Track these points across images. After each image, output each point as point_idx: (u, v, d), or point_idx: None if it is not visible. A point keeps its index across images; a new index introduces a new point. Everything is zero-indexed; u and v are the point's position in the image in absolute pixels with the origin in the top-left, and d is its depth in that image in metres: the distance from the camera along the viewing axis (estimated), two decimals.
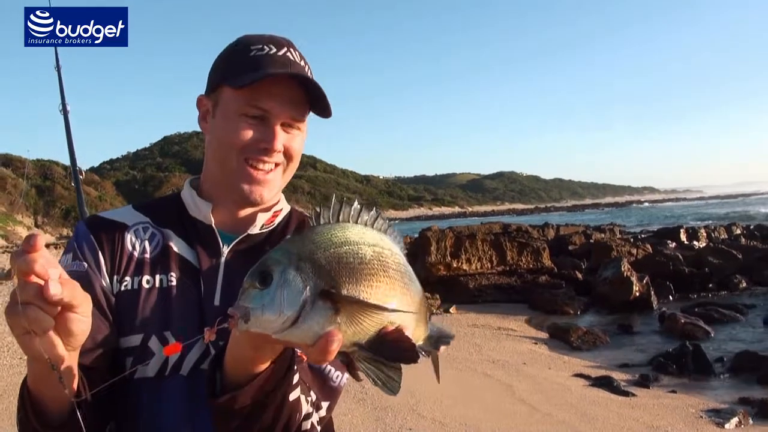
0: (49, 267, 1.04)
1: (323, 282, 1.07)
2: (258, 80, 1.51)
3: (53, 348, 1.10)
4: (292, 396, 1.35)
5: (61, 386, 1.18)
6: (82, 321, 1.11)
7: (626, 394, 8.18)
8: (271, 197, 1.65)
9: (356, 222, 1.17)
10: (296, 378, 1.35)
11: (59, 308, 1.07)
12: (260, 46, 1.58)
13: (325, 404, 1.52)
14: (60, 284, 1.04)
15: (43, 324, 1.06)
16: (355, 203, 1.19)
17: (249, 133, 1.55)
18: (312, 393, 1.47)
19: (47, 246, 1.09)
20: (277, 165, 1.61)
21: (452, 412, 6.92)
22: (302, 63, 1.61)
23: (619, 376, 9.04)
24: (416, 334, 1.16)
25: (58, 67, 3.50)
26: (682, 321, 11.91)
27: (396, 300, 1.11)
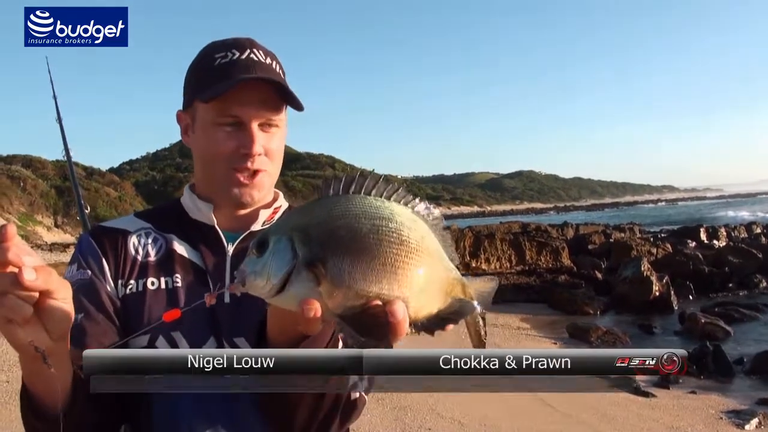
0: (23, 255, 1.04)
1: (311, 253, 1.11)
2: (224, 91, 1.53)
3: (36, 336, 1.11)
4: None
5: (53, 380, 1.20)
6: (62, 307, 1.12)
7: (646, 394, 8.15)
8: (262, 197, 1.67)
9: (369, 194, 1.17)
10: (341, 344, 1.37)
11: (37, 295, 1.08)
12: (224, 53, 1.60)
13: (366, 376, 1.50)
14: (34, 270, 1.05)
15: (22, 311, 1.07)
16: (371, 175, 1.19)
17: (228, 142, 1.57)
18: None
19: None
20: (262, 170, 1.63)
21: (471, 411, 6.93)
22: (267, 60, 1.63)
23: (638, 376, 8.99)
24: (418, 311, 1.14)
25: (59, 119, 3.51)
26: (703, 321, 11.83)
27: (389, 276, 1.11)
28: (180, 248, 1.65)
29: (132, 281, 1.60)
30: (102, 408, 1.42)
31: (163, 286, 1.60)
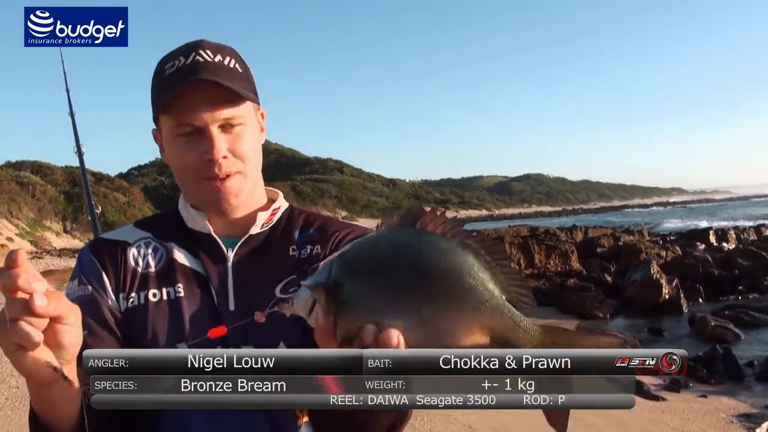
0: (33, 281, 1.04)
1: (335, 277, 1.16)
2: (167, 102, 1.51)
3: (46, 362, 1.11)
4: None
5: (63, 406, 1.21)
6: (72, 332, 1.12)
7: (656, 398, 8.14)
8: (241, 201, 1.62)
9: (425, 228, 1.18)
10: None
11: (47, 321, 1.08)
12: (171, 63, 1.55)
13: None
14: (45, 296, 1.05)
15: (32, 338, 1.06)
16: (429, 211, 1.20)
17: (190, 152, 1.54)
18: None
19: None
20: (233, 172, 1.58)
21: (482, 416, 6.91)
22: (217, 58, 1.56)
23: (649, 380, 8.96)
24: (435, 341, 1.12)
25: (71, 113, 3.50)
26: (712, 324, 11.77)
27: (392, 303, 1.13)
28: (180, 257, 1.63)
29: (133, 294, 1.58)
30: (110, 429, 1.41)
31: (165, 297, 1.58)
